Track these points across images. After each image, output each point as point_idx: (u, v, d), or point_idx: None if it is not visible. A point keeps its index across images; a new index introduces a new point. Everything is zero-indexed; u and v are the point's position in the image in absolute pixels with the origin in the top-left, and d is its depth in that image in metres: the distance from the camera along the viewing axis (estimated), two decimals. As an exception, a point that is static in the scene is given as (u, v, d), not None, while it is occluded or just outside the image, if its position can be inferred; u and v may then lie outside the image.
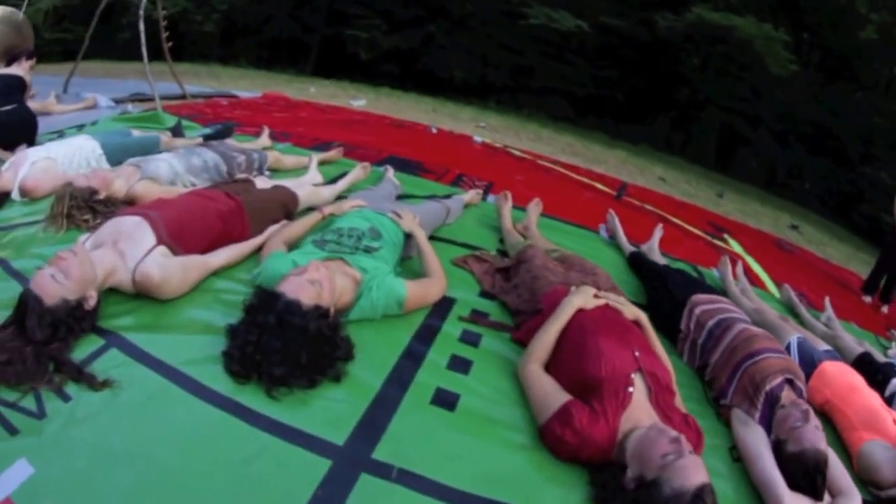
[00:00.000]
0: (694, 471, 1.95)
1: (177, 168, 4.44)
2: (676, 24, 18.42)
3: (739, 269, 4.97)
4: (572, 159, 9.40)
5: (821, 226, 13.84)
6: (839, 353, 3.62)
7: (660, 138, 20.86)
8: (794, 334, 3.48)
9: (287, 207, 3.99)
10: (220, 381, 2.36)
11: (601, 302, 2.90)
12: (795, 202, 17.38)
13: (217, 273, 3.23)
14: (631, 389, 2.34)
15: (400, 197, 4.92)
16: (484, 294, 3.56)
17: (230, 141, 5.64)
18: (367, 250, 3.18)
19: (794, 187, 20.79)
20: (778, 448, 2.46)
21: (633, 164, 11.81)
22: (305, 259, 2.90)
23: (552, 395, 2.40)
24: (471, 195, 5.21)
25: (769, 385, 2.69)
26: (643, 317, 2.97)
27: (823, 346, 3.53)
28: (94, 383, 2.27)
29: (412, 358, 2.74)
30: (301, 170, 5.23)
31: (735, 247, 6.78)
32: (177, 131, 6.02)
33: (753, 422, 2.65)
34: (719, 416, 2.87)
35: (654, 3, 18.92)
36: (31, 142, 5.31)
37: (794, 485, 2.31)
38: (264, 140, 6.08)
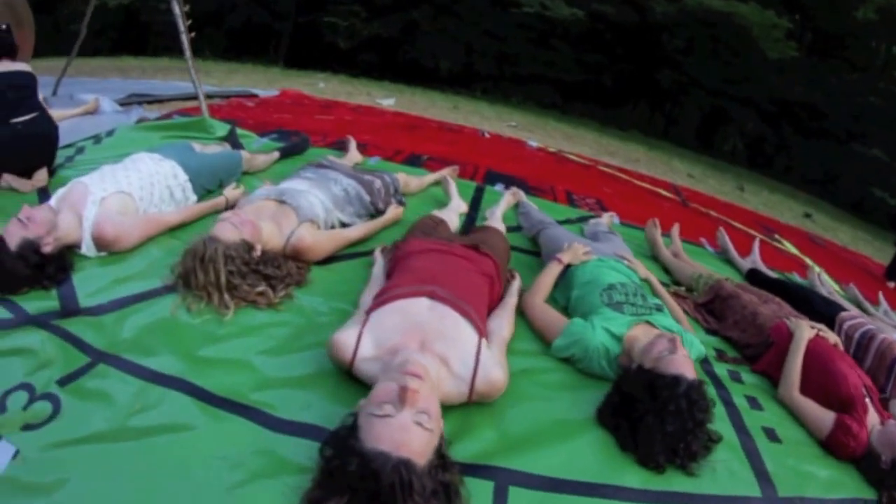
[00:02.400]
0: None
1: (326, 203, 3.93)
2: (670, 10, 18.80)
3: (825, 276, 5.42)
4: (607, 159, 9.58)
5: (824, 210, 14.33)
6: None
7: (644, 121, 21.27)
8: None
9: (508, 252, 3.79)
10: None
11: (814, 332, 3.41)
12: (778, 180, 18.08)
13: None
14: (867, 399, 2.99)
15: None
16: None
17: (333, 158, 5.00)
18: (659, 308, 3.24)
19: (777, 166, 21.67)
20: None
21: (657, 158, 12.05)
22: (617, 325, 2.94)
23: (821, 413, 3.00)
24: (607, 218, 5.14)
25: None
26: (837, 339, 3.56)
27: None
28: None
29: (729, 405, 3.08)
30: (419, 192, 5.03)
31: (790, 248, 7.15)
32: (234, 141, 5.65)
33: None
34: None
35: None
36: (51, 162, 4.78)
37: None
38: (355, 155, 5.64)
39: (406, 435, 1.83)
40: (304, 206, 3.67)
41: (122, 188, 3.68)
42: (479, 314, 2.71)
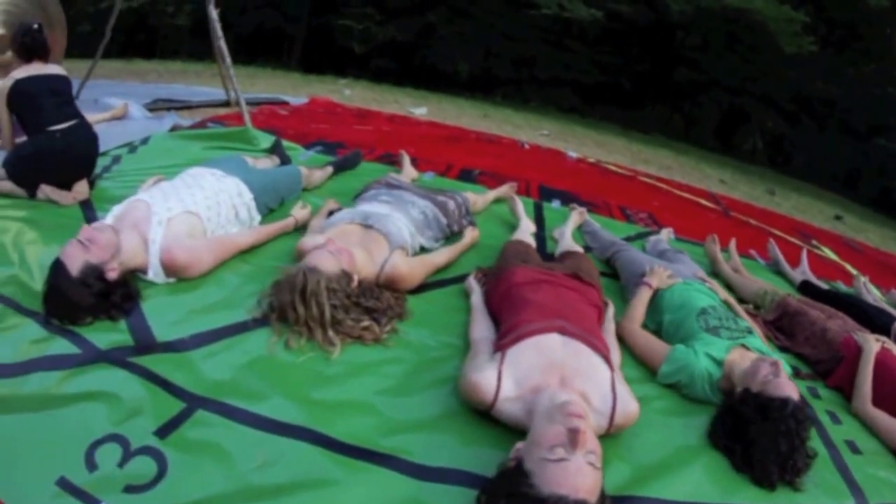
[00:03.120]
0: None
1: (409, 227, 3.81)
2: (687, 8, 18.79)
3: (870, 284, 5.43)
4: (642, 167, 9.66)
5: (851, 210, 14.38)
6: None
7: (664, 122, 21.34)
8: None
9: (599, 277, 3.70)
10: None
11: (879, 345, 3.56)
12: (805, 180, 18.08)
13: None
14: None
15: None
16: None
17: (395, 175, 4.89)
18: (749, 330, 3.33)
19: (797, 163, 21.75)
20: None
21: (687, 164, 12.13)
22: (717, 350, 3.03)
23: (893, 425, 3.17)
24: (665, 234, 5.18)
25: None
26: None
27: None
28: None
29: (814, 421, 3.17)
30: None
31: (830, 254, 7.16)
32: (281, 154, 5.45)
33: None
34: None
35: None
36: (91, 173, 4.62)
37: None
38: (411, 171, 5.50)
39: (582, 477, 1.87)
40: (394, 231, 3.57)
41: (189, 207, 3.49)
42: (604, 346, 2.75)
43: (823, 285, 5.05)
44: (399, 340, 3.02)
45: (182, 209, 3.43)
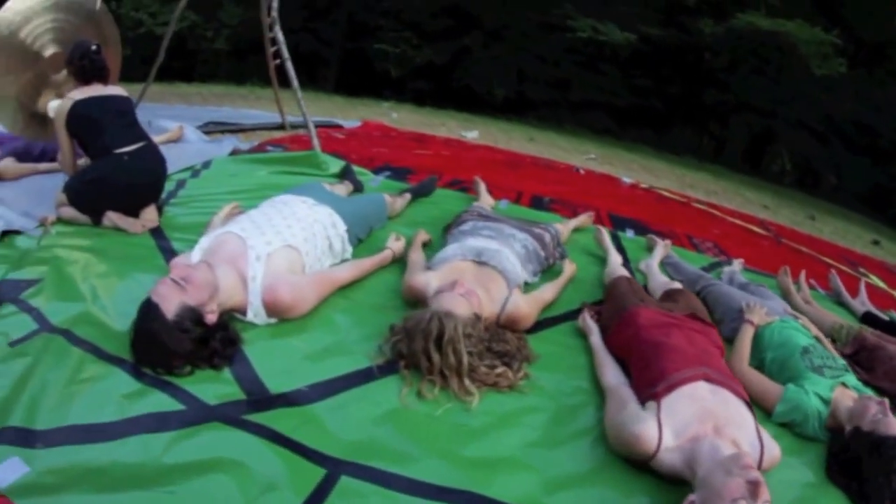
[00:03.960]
0: None
1: (518, 263, 3.71)
2: (717, 31, 18.92)
3: None
4: (692, 192, 9.77)
5: (886, 234, 14.36)
6: None
7: (695, 144, 21.45)
8: None
9: None
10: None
11: None
12: (835, 203, 18.10)
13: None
14: None
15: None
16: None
17: (480, 205, 4.82)
18: (847, 368, 3.34)
19: (826, 186, 21.79)
20: None
21: (729, 189, 12.21)
22: (823, 389, 3.06)
23: None
24: (738, 266, 5.13)
25: None
26: None
27: None
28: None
29: None
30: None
31: (878, 283, 7.08)
32: (353, 180, 5.40)
33: None
34: None
35: (694, 10, 19.47)
36: (158, 198, 4.48)
37: None
38: (488, 198, 5.40)
39: None
40: (509, 268, 3.47)
41: (288, 241, 3.33)
42: (744, 391, 2.78)
43: (884, 316, 5.02)
44: (532, 386, 2.92)
45: (281, 243, 3.29)
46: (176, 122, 6.92)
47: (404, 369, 2.77)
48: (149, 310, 2.62)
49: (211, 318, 2.75)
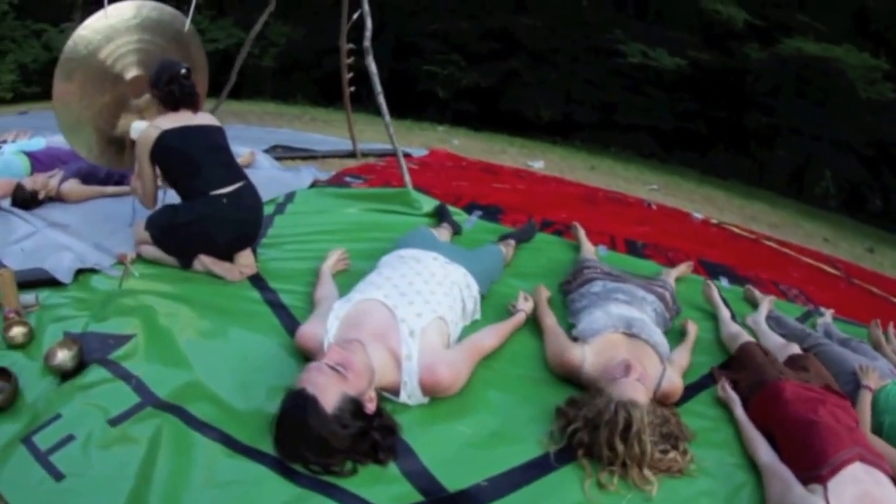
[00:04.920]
0: None
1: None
2: (763, 55, 18.89)
3: None
4: (755, 226, 9.71)
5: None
6: None
7: (740, 169, 21.35)
8: None
9: None
10: None
11: None
12: (883, 227, 17.89)
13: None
14: None
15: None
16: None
17: (594, 259, 4.66)
18: None
19: (873, 209, 21.71)
20: None
21: (788, 219, 12.15)
22: None
23: None
24: (829, 317, 4.93)
25: None
26: None
27: None
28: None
29: None
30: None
31: None
32: (450, 221, 5.27)
33: None
34: None
35: (742, 35, 19.41)
36: (254, 242, 4.31)
37: None
38: (589, 246, 5.18)
39: None
40: (659, 341, 3.33)
41: (438, 311, 3.15)
42: (891, 469, 2.66)
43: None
44: (697, 467, 2.79)
45: (432, 314, 3.09)
46: (245, 146, 6.91)
47: (582, 458, 2.64)
48: (305, 403, 2.33)
49: (371, 406, 2.51)
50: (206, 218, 3.93)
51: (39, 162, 6.12)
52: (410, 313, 3.01)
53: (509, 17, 20.89)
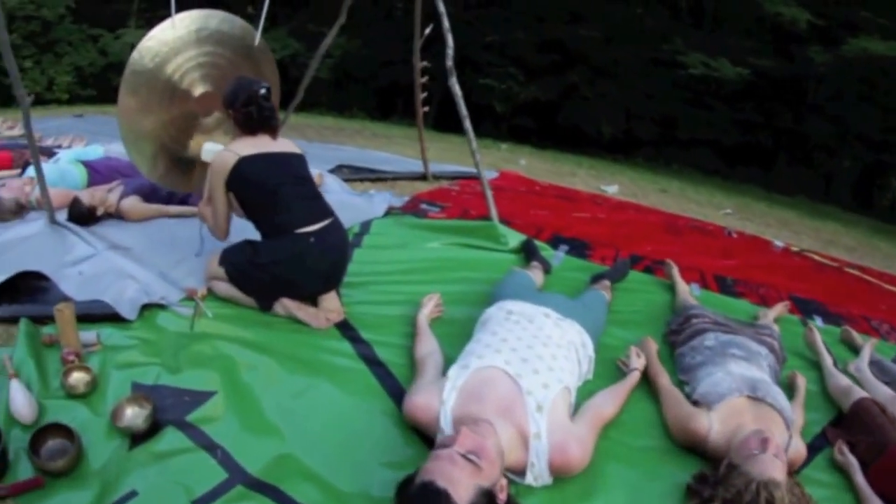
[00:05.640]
0: None
1: None
2: (827, 58, 18.31)
3: None
4: (834, 251, 9.42)
5: None
6: None
7: (804, 183, 20.90)
8: None
9: None
10: None
11: None
12: None
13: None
14: None
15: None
16: None
17: (700, 306, 4.38)
18: None
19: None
20: None
21: (863, 240, 11.76)
22: None
23: None
24: None
25: None
26: None
27: None
28: None
29: None
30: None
31: None
32: (540, 260, 5.01)
33: None
34: None
35: (804, 37, 18.87)
36: (339, 284, 4.05)
37: None
38: (684, 286, 4.95)
39: None
40: (784, 405, 3.11)
41: (563, 380, 2.92)
42: None
43: None
44: None
45: (559, 385, 2.86)
46: (310, 165, 6.65)
47: None
48: (436, 499, 2.05)
49: (502, 497, 2.24)
50: (291, 260, 3.67)
51: (97, 172, 6.00)
52: (536, 384, 2.77)
53: (565, 28, 20.57)
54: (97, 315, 3.65)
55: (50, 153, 6.92)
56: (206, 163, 4.10)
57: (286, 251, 3.67)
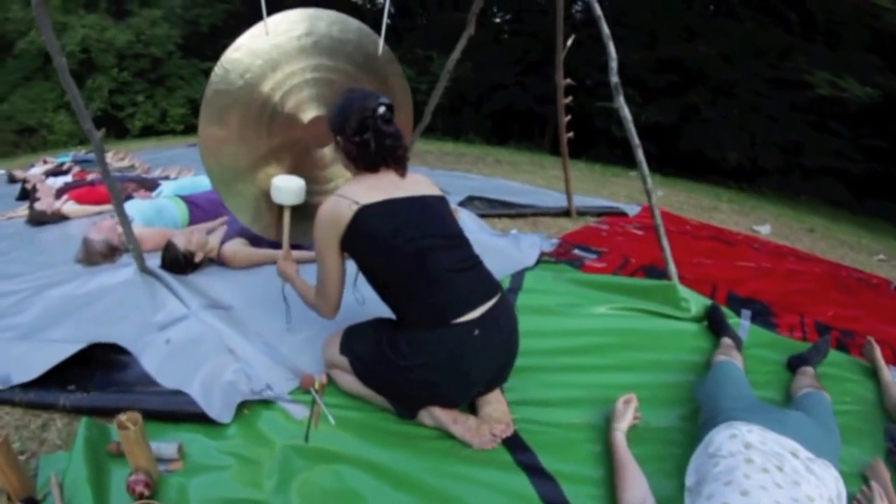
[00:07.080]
0: None
1: None
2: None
3: None
4: None
5: None
6: None
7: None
8: None
9: None
10: None
11: None
12: None
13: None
14: None
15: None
16: None
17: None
18: None
19: None
20: None
21: None
22: None
23: None
24: None
25: None
26: None
27: None
28: None
29: None
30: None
31: None
32: (731, 335, 3.82)
33: None
34: None
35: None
36: (505, 381, 3.04)
37: None
38: (888, 374, 3.73)
39: None
40: None
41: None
42: None
43: None
44: None
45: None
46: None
47: None
48: None
49: None
50: (448, 363, 2.59)
51: (199, 208, 5.37)
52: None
53: (682, 47, 19.32)
54: (181, 413, 2.86)
55: (153, 185, 6.35)
56: (281, 204, 3.36)
57: (442, 351, 2.58)
